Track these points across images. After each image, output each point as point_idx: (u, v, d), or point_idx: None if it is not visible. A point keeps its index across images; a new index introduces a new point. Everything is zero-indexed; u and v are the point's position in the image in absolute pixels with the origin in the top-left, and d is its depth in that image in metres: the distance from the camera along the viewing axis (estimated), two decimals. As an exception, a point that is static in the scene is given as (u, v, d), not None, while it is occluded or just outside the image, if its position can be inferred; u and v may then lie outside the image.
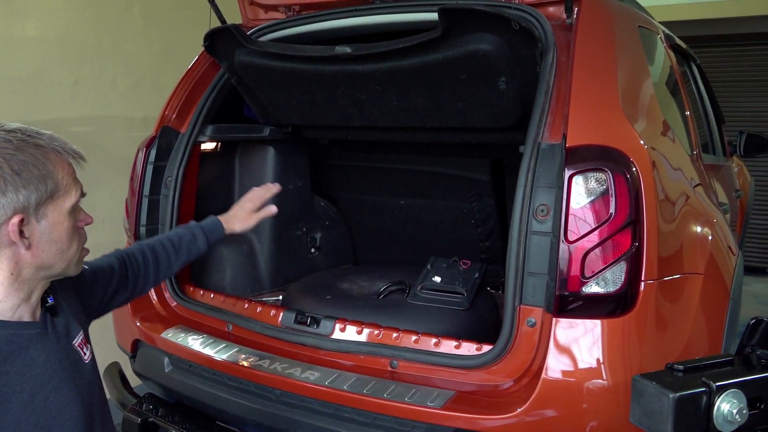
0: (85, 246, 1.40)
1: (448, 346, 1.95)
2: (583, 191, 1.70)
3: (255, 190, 2.07)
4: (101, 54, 3.56)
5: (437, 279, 2.40)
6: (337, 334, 2.08)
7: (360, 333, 2.06)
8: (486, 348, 1.87)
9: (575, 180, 1.71)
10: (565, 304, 1.70)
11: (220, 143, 2.85)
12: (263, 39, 2.53)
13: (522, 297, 1.76)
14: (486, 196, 2.91)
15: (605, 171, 1.69)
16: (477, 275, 2.41)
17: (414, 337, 1.99)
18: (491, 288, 2.76)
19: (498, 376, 1.81)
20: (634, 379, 1.03)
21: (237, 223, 1.98)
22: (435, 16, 1.96)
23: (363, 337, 2.05)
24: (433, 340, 1.97)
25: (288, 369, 2.02)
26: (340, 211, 3.31)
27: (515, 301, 1.77)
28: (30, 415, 1.23)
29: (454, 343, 1.94)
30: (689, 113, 2.83)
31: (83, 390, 1.35)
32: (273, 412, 2.00)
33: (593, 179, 1.70)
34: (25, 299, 1.29)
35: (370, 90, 2.34)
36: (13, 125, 1.26)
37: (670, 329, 1.82)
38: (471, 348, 1.91)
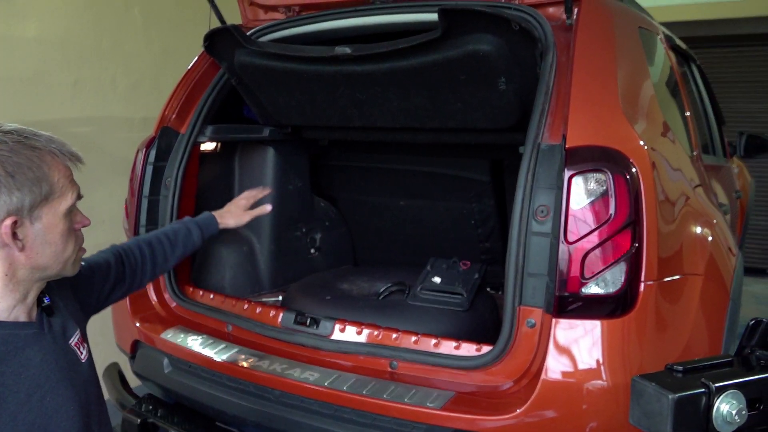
0: (86, 246, 1.40)
1: (447, 346, 1.94)
2: (583, 192, 1.70)
3: (250, 190, 2.20)
4: (101, 54, 3.56)
5: (437, 280, 2.40)
6: (337, 334, 2.08)
7: (360, 334, 2.06)
8: (486, 349, 1.87)
9: (575, 181, 1.71)
10: (565, 304, 1.70)
11: (219, 144, 2.85)
12: (263, 39, 2.53)
13: (522, 298, 1.76)
14: (486, 196, 2.91)
15: (605, 172, 1.69)
16: (477, 276, 2.41)
17: (414, 338, 1.99)
18: (491, 289, 2.77)
19: (498, 376, 1.81)
20: (633, 380, 1.03)
21: (231, 219, 2.11)
22: (435, 16, 1.96)
23: (363, 338, 2.05)
24: (433, 340, 1.97)
25: (287, 370, 2.02)
26: (339, 212, 3.31)
27: (515, 302, 1.77)
28: (27, 415, 1.24)
29: (453, 344, 1.94)
30: (689, 114, 2.83)
31: (80, 389, 1.35)
32: (272, 412, 2.00)
33: (593, 180, 1.70)
34: (21, 300, 1.29)
35: (369, 90, 2.34)
36: (11, 126, 1.26)
37: (669, 330, 1.82)
38: (471, 349, 1.91)
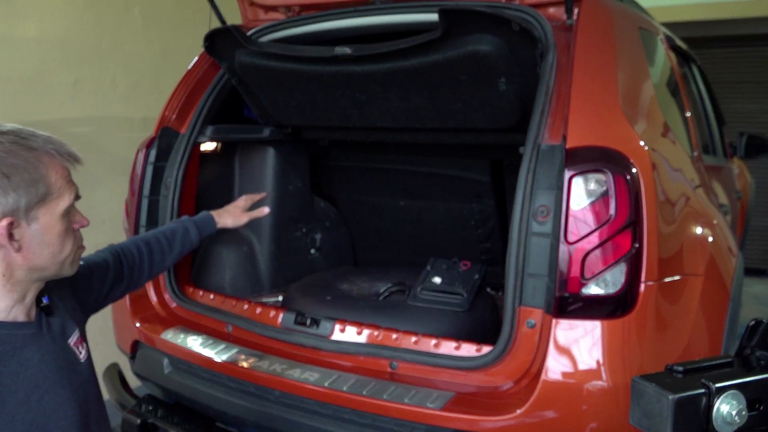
0: (84, 246, 1.40)
1: (447, 347, 1.94)
2: (583, 192, 1.70)
3: (250, 195, 2.27)
4: (101, 54, 3.56)
5: (437, 280, 2.40)
6: (337, 335, 2.08)
7: (360, 334, 2.06)
8: (486, 349, 1.87)
9: (575, 181, 1.70)
10: (565, 305, 1.70)
11: (219, 144, 2.85)
12: (263, 40, 2.53)
13: (522, 298, 1.76)
14: (486, 197, 2.91)
15: (605, 172, 1.69)
16: (477, 276, 2.41)
17: (414, 338, 1.99)
18: (491, 289, 2.76)
19: (498, 377, 1.81)
20: (633, 381, 1.02)
21: (229, 219, 2.14)
22: (435, 16, 1.96)
23: (363, 338, 2.05)
24: (433, 341, 1.97)
25: (287, 370, 2.02)
26: (340, 212, 3.31)
27: (515, 303, 1.77)
28: (25, 415, 1.24)
29: (453, 345, 1.94)
30: (690, 114, 2.83)
31: (79, 389, 1.35)
32: (272, 413, 2.00)
33: (593, 180, 1.70)
34: (19, 300, 1.29)
35: (370, 91, 2.34)
36: (8, 126, 1.26)
37: (670, 330, 1.82)
38: (471, 349, 1.91)
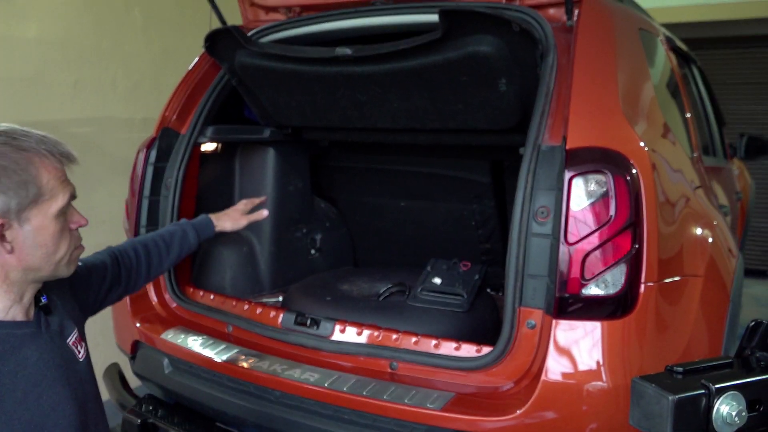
0: (85, 247, 1.40)
1: (447, 347, 1.94)
2: (583, 193, 1.70)
3: (250, 199, 2.27)
4: (101, 55, 3.56)
5: (437, 281, 2.40)
6: (337, 335, 2.08)
7: (360, 334, 2.06)
8: (486, 350, 1.87)
9: (575, 182, 1.71)
10: (565, 306, 1.70)
11: (220, 144, 2.85)
12: (264, 40, 2.54)
13: (522, 299, 1.76)
14: (486, 197, 2.91)
15: (605, 173, 1.69)
16: (477, 277, 2.41)
17: (414, 339, 1.99)
18: (491, 290, 2.77)
19: (498, 377, 1.81)
20: (633, 381, 1.02)
21: (228, 222, 2.13)
22: (435, 17, 1.97)
23: (363, 339, 2.05)
24: (433, 341, 1.97)
25: (288, 370, 2.02)
26: (340, 213, 3.31)
27: (515, 303, 1.77)
28: (23, 413, 1.24)
29: (453, 345, 1.94)
30: (690, 115, 2.83)
31: (77, 388, 1.35)
32: (272, 413, 2.00)
33: (593, 181, 1.70)
34: (17, 300, 1.29)
35: (370, 91, 2.34)
36: (2, 127, 1.25)
37: (670, 331, 1.82)
38: (471, 350, 1.91)
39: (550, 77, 1.91)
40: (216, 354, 2.16)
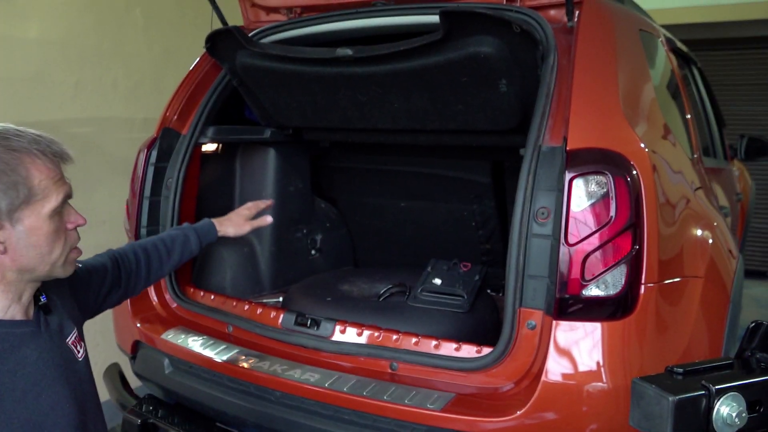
0: (85, 247, 1.40)
1: (448, 348, 1.94)
2: (584, 194, 1.70)
3: (254, 202, 2.23)
4: (102, 55, 3.56)
5: (437, 281, 2.40)
6: (338, 335, 2.08)
7: (360, 335, 2.06)
8: (486, 350, 1.87)
9: (576, 183, 1.71)
10: (566, 306, 1.70)
11: (221, 145, 2.85)
12: (265, 41, 2.54)
13: (522, 299, 1.76)
14: (487, 198, 2.91)
15: (606, 174, 1.69)
16: (477, 277, 2.41)
17: (414, 340, 1.99)
18: (492, 290, 2.77)
19: (498, 378, 1.81)
20: (633, 382, 1.03)
21: (231, 228, 2.10)
22: (436, 18, 1.97)
23: (363, 339, 2.05)
24: (433, 342, 1.97)
25: (288, 371, 2.02)
26: (340, 213, 3.31)
27: (515, 304, 1.77)
28: (22, 413, 1.24)
29: (454, 346, 1.94)
30: (690, 116, 2.83)
31: (76, 387, 1.35)
32: (273, 413, 2.00)
33: (594, 182, 1.70)
34: (15, 300, 1.29)
35: (371, 92, 2.34)
36: None
37: (670, 332, 1.82)
38: (471, 350, 1.91)
39: (550, 78, 1.91)
40: (216, 354, 2.16)
